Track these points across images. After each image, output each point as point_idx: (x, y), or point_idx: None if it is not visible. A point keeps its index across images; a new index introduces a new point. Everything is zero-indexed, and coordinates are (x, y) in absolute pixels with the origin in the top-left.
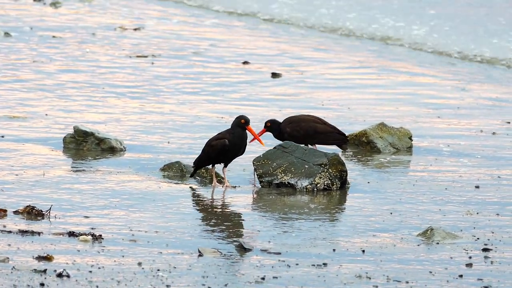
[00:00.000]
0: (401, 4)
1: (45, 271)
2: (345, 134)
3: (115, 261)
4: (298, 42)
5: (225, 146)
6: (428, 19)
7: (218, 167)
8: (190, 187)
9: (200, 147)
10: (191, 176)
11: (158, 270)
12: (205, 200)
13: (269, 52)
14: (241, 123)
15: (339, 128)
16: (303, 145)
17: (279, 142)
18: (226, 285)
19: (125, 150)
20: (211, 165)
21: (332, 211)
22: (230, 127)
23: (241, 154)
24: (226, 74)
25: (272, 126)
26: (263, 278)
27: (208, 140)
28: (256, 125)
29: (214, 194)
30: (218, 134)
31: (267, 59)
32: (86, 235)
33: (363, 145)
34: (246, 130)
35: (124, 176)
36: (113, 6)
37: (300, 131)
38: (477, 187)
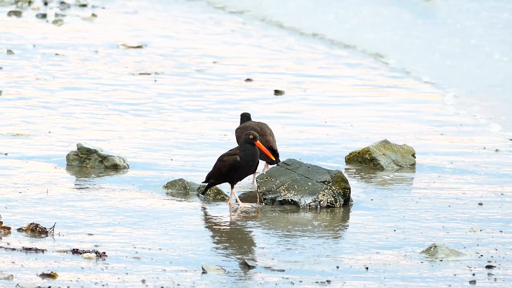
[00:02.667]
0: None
1: None
2: (276, 152)
3: (118, 278)
4: (301, 59)
5: (236, 162)
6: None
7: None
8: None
9: (203, 164)
10: (203, 194)
11: (162, 287)
12: (208, 218)
13: (272, 69)
14: (249, 139)
15: (341, 145)
16: (306, 163)
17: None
18: None
19: (128, 168)
20: (228, 184)
21: (335, 228)
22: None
23: (253, 172)
24: (229, 91)
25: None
26: None
27: (220, 156)
28: None
29: (218, 211)
30: (230, 150)
31: (270, 76)
32: (89, 252)
33: (366, 162)
34: (256, 146)
35: (127, 194)
36: (116, 24)
37: (241, 138)
38: (480, 204)
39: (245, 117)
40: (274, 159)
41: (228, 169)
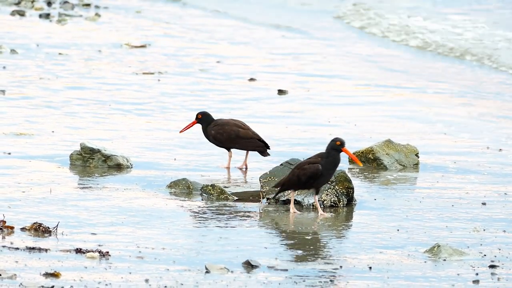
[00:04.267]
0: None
1: (52, 287)
2: (265, 142)
3: (122, 277)
4: (304, 58)
5: (318, 171)
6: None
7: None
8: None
9: (206, 163)
10: (273, 198)
11: (165, 286)
12: (211, 217)
13: (275, 69)
14: (336, 145)
15: (346, 146)
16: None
17: (288, 159)
18: None
19: (131, 167)
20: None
21: (338, 228)
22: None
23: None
24: (232, 91)
25: (202, 119)
26: None
27: (299, 163)
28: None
29: (221, 211)
30: (310, 158)
31: (274, 76)
32: (93, 251)
33: (369, 162)
34: (341, 153)
35: (131, 193)
36: (120, 23)
37: (224, 134)
38: (483, 203)
39: (206, 115)
40: (361, 164)
41: (308, 178)
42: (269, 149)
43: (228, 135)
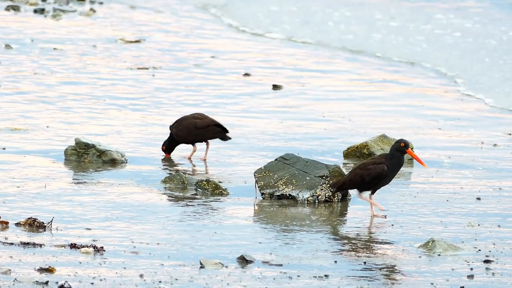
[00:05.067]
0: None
1: (47, 283)
2: (222, 126)
3: (116, 273)
4: (299, 54)
5: (383, 172)
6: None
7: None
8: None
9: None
10: (330, 198)
11: (160, 282)
12: (206, 212)
13: (270, 64)
14: (400, 147)
15: (339, 140)
16: (304, 157)
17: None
18: None
19: (126, 162)
20: (359, 191)
21: (333, 223)
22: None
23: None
24: (227, 86)
25: (166, 146)
26: None
27: (362, 164)
28: (257, 137)
29: (216, 206)
30: (374, 158)
31: (268, 71)
32: (87, 247)
33: (364, 157)
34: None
35: (125, 188)
36: (114, 18)
37: (183, 130)
38: (478, 198)
39: (164, 143)
40: (426, 166)
41: (373, 178)
42: (228, 132)
43: (187, 128)
